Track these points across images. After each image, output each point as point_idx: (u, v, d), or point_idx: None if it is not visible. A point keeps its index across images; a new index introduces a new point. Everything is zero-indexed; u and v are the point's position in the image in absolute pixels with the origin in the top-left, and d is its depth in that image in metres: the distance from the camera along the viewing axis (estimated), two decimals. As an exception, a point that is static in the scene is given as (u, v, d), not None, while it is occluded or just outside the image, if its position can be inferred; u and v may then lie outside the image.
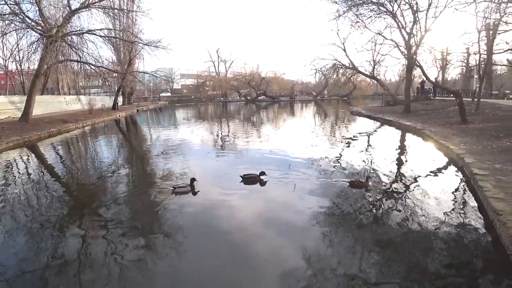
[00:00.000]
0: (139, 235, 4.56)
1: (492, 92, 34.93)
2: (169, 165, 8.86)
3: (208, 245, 4.29)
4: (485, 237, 4.25)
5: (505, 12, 11.49)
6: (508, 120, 12.76)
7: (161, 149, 11.73)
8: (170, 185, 6.53)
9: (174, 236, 4.46)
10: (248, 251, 4.09)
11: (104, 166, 9.44)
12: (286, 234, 4.51)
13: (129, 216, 5.32)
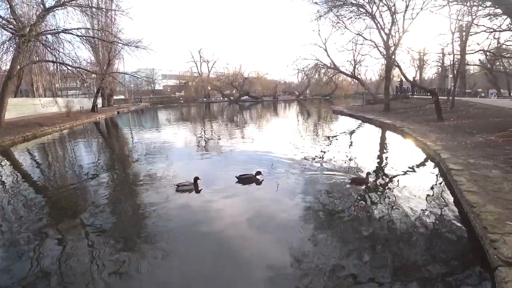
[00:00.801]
0: (122, 240, 4.45)
1: (465, 91, 36.53)
2: (152, 168, 8.70)
3: (196, 247, 4.24)
4: (461, 228, 4.46)
5: (476, 15, 12.04)
6: (480, 117, 13.40)
7: (143, 152, 11.51)
8: (174, 184, 6.53)
9: (161, 240, 4.37)
10: (237, 251, 4.09)
11: (84, 170, 9.10)
12: (275, 232, 4.54)
13: (111, 221, 5.18)
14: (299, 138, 13.77)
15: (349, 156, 9.63)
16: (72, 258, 3.97)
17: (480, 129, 10.58)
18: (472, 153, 7.50)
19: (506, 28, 11.06)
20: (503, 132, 9.28)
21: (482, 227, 3.78)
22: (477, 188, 4.92)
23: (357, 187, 6.30)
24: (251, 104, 52.62)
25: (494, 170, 5.88)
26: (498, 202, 4.36)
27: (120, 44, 25.53)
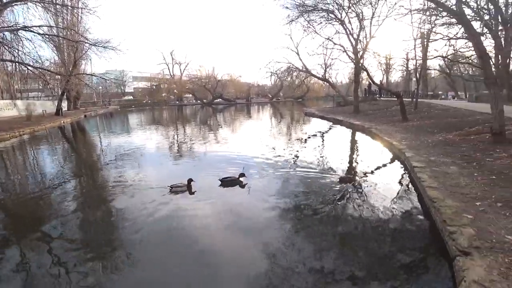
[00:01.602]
0: (92, 250, 4.22)
1: (428, 93, 38.97)
2: (122, 173, 8.37)
3: (170, 253, 4.15)
4: (424, 222, 4.77)
5: (434, 23, 12.90)
6: (440, 117, 14.31)
7: (113, 157, 11.01)
8: (167, 185, 6.45)
9: (134, 248, 4.23)
10: (212, 256, 4.04)
11: (48, 178, 8.49)
12: (251, 234, 4.55)
13: (79, 231, 4.92)
14: (273, 140, 13.94)
15: (321, 157, 9.91)
16: (35, 275, 3.71)
17: (440, 128, 11.31)
18: (433, 151, 8.01)
19: (460, 36, 11.93)
20: (460, 131, 10.00)
21: (442, 220, 4.04)
22: (437, 184, 5.26)
23: (345, 185, 6.57)
24: (225, 107, 52.44)
25: (452, 167, 6.31)
26: (456, 196, 4.68)
27: (87, 44, 24.56)
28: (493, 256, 3.10)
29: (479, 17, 10.04)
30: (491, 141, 7.84)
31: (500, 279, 2.76)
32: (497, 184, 5.02)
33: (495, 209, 4.14)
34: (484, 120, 10.91)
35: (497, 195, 4.56)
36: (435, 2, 8.88)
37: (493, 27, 9.77)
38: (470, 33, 8.44)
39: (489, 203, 4.34)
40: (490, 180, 5.28)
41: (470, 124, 10.81)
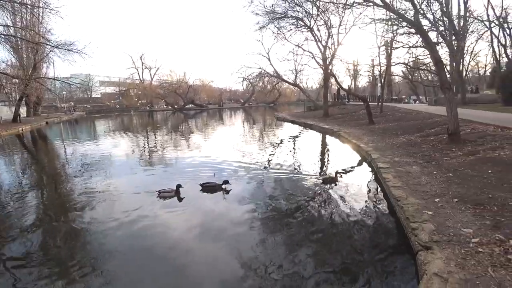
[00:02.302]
0: (56, 267, 3.97)
1: (392, 97, 41.15)
2: (88, 183, 7.92)
3: (141, 265, 4.03)
4: (390, 219, 5.03)
5: (396, 32, 13.71)
6: (404, 120, 15.15)
7: (78, 167, 10.36)
8: (155, 189, 6.37)
9: (103, 262, 4.04)
10: (186, 264, 3.98)
11: (4, 191, 7.85)
12: (225, 240, 4.54)
13: (41, 248, 4.57)
14: (246, 145, 13.99)
15: (293, 160, 10.08)
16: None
17: (403, 130, 11.98)
18: (397, 152, 8.47)
19: (419, 45, 12.75)
20: (421, 133, 10.66)
21: (405, 217, 4.28)
22: (401, 183, 5.56)
23: (328, 185, 6.83)
24: (196, 112, 51.84)
25: (414, 166, 6.71)
26: (418, 194, 4.98)
27: (49, 46, 23.10)
28: (451, 249, 3.33)
29: (435, 28, 10.79)
30: (448, 142, 8.43)
31: (457, 270, 2.97)
32: (453, 181, 5.41)
33: (452, 204, 4.46)
34: (441, 122, 11.70)
35: (453, 191, 4.91)
36: (395, 13, 9.44)
37: (447, 37, 10.58)
38: (427, 42, 9.07)
39: (446, 199, 4.67)
40: (447, 177, 5.68)
41: (430, 126, 11.54)
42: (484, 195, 4.55)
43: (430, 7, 10.14)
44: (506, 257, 3.04)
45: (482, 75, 47.74)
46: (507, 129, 8.35)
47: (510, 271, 2.81)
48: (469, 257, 3.14)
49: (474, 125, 9.94)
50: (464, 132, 9.03)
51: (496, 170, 5.43)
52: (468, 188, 4.96)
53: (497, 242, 3.33)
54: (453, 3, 19.83)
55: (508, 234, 3.42)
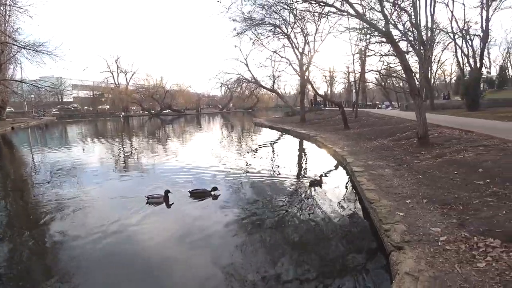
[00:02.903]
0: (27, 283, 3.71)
1: (367, 103, 42.67)
2: (59, 192, 7.48)
3: (116, 275, 3.88)
4: (364, 221, 5.18)
5: (369, 41, 14.29)
6: (377, 125, 15.71)
7: (48, 175, 9.78)
8: (144, 195, 6.33)
9: (76, 275, 3.82)
10: (166, 274, 3.87)
11: None
12: (204, 249, 4.47)
13: (7, 263, 4.27)
14: (224, 151, 13.92)
15: (271, 165, 10.17)
16: None
17: (376, 135, 12.42)
18: (371, 155, 8.76)
19: (390, 53, 13.34)
20: (393, 137, 11.10)
21: (378, 219, 4.41)
22: (374, 186, 5.74)
23: (312, 188, 7.02)
24: (174, 118, 51.04)
25: (387, 169, 6.96)
26: (390, 196, 5.16)
27: (16, 47, 21.88)
28: (421, 248, 3.46)
29: (405, 38, 11.36)
30: (417, 145, 8.83)
31: (427, 268, 3.09)
32: (423, 183, 5.66)
33: (422, 205, 4.65)
34: (412, 126, 12.22)
35: (423, 193, 5.13)
36: (368, 23, 9.83)
37: (416, 46, 11.15)
38: (397, 51, 9.52)
39: (417, 200, 4.87)
40: (417, 179, 5.93)
41: (401, 131, 12.04)
42: (450, 195, 4.79)
43: (400, 18, 10.67)
44: (471, 253, 3.20)
45: (448, 82, 50.62)
46: (470, 132, 8.88)
47: (475, 267, 2.96)
48: (437, 255, 3.28)
49: (441, 129, 10.48)
50: (432, 136, 9.49)
51: (461, 171, 5.74)
52: (436, 189, 5.20)
53: (463, 239, 3.50)
54: (421, 15, 21.00)
55: (473, 231, 3.61)
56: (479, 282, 2.71)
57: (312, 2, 9.86)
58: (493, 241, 3.33)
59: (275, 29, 24.40)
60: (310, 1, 9.89)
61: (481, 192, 4.64)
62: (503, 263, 2.93)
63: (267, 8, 21.85)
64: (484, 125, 10.69)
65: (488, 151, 6.62)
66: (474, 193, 4.68)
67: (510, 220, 3.64)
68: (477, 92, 20.55)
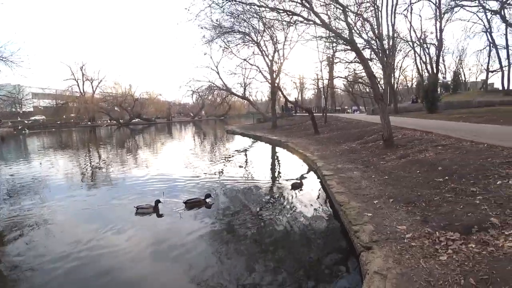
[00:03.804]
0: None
1: (336, 108, 44.15)
2: (16, 209, 6.90)
3: None
4: (335, 225, 5.27)
5: (336, 49, 14.85)
6: (346, 129, 16.25)
7: (3, 192, 8.95)
8: (134, 205, 6.23)
9: None
10: None
11: None
12: (178, 259, 4.36)
13: None
14: (197, 159, 13.69)
15: (245, 172, 10.14)
16: None
17: (345, 139, 12.83)
18: (340, 159, 9.01)
19: (355, 61, 13.94)
20: (361, 140, 11.52)
21: (348, 221, 4.51)
22: (343, 189, 5.89)
23: (294, 190, 7.24)
24: (144, 127, 49.61)
25: (355, 172, 7.19)
26: (359, 198, 5.31)
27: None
28: (388, 246, 3.57)
29: (369, 46, 11.94)
30: (383, 147, 9.22)
31: (394, 265, 3.18)
32: (389, 183, 5.89)
33: (388, 204, 4.83)
34: (378, 129, 12.77)
35: (389, 192, 5.34)
36: (333, 31, 10.21)
37: (379, 54, 11.78)
38: (361, 58, 9.95)
39: (383, 200, 5.05)
40: (383, 180, 6.17)
41: (368, 134, 12.52)
42: (414, 193, 5.02)
43: (364, 28, 11.21)
44: (434, 247, 3.36)
45: (410, 87, 53.80)
46: (430, 133, 9.43)
47: (437, 260, 3.10)
48: (404, 252, 3.40)
49: (404, 131, 11.04)
50: (396, 138, 9.96)
51: (423, 170, 6.05)
52: (401, 188, 5.43)
53: (426, 235, 3.66)
54: (383, 26, 22.31)
55: (435, 227, 3.79)
56: (442, 275, 2.84)
57: (279, 11, 10.06)
58: (453, 235, 3.52)
59: (244, 37, 24.69)
60: (277, 10, 10.09)
61: (441, 189, 4.91)
62: (462, 254, 3.10)
63: (236, 16, 22.06)
64: (442, 126, 11.42)
65: (446, 150, 7.04)
66: (435, 190, 4.94)
67: (467, 214, 3.87)
68: (435, 96, 22.01)
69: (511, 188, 4.24)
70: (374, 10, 11.03)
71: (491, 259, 2.89)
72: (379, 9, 10.92)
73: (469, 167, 5.40)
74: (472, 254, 3.06)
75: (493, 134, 8.16)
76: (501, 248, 3.03)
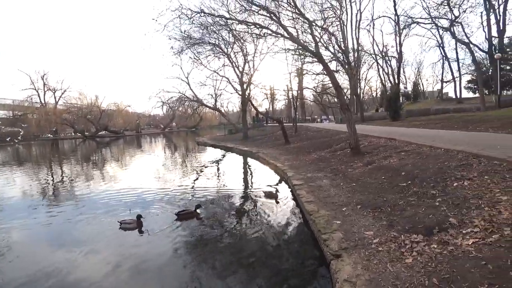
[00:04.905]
0: None
1: (306, 118, 45.29)
2: None
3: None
4: (305, 234, 5.25)
5: (304, 61, 15.30)
6: (316, 138, 16.63)
7: None
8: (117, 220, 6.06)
9: None
10: None
11: None
12: (145, 275, 4.19)
13: None
14: (167, 172, 13.26)
15: (216, 184, 9.98)
16: None
17: (315, 148, 13.09)
18: (310, 168, 9.14)
19: (322, 72, 14.44)
20: (330, 149, 11.81)
21: (317, 230, 4.51)
22: (313, 198, 5.94)
23: (269, 200, 7.21)
24: (111, 140, 47.56)
25: (325, 180, 7.30)
26: (328, 206, 5.37)
27: None
28: (357, 253, 3.60)
29: (335, 58, 12.45)
30: (351, 155, 9.50)
31: (363, 272, 3.20)
32: (357, 190, 6.03)
33: (356, 211, 4.92)
34: (346, 138, 13.14)
35: (356, 199, 5.46)
36: (300, 44, 10.51)
37: (346, 65, 12.31)
38: (327, 70, 10.32)
39: (352, 207, 5.14)
40: (351, 187, 6.31)
41: (336, 142, 12.88)
42: (380, 199, 5.16)
43: (330, 41, 11.71)
44: (400, 251, 3.44)
45: (375, 97, 56.73)
46: (394, 140, 9.88)
47: (404, 263, 3.17)
48: (372, 257, 3.44)
49: (370, 139, 11.49)
50: (363, 145, 10.32)
51: (388, 176, 6.28)
52: (368, 194, 5.57)
53: (392, 239, 3.75)
54: (348, 40, 23.65)
55: (400, 230, 3.90)
56: (408, 277, 2.90)
57: (249, 24, 10.21)
58: (417, 237, 3.63)
59: (215, 48, 24.61)
60: (246, 23, 10.24)
61: (405, 193, 5.10)
62: (426, 255, 3.20)
63: (203, 28, 22.05)
64: (404, 132, 12.04)
65: (408, 156, 7.39)
66: (399, 194, 5.12)
67: (429, 216, 4.03)
68: (397, 105, 23.39)
69: (466, 189, 4.49)
70: (340, 25, 11.55)
71: (451, 258, 3.01)
72: (344, 24, 11.52)
73: (429, 171, 5.68)
74: (435, 254, 3.17)
75: (449, 139, 8.71)
76: (459, 247, 3.17)
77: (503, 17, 23.56)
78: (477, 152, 5.99)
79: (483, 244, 3.07)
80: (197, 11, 9.84)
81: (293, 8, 10.04)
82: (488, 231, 3.28)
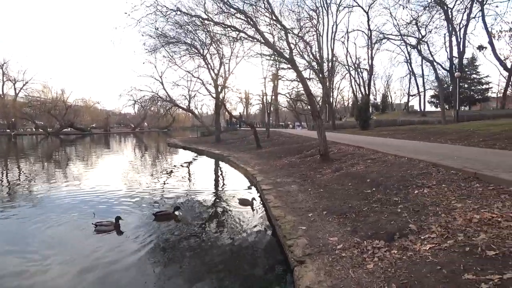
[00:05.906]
0: None
1: (279, 123, 45.84)
2: None
3: None
4: (272, 240, 5.19)
5: (279, 67, 15.44)
6: (287, 144, 16.80)
7: None
8: (92, 222, 5.75)
9: None
10: None
11: None
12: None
13: None
14: (134, 174, 12.69)
15: (184, 188, 9.65)
16: None
17: (286, 153, 13.19)
18: (280, 173, 9.15)
19: (295, 79, 14.64)
20: (300, 155, 11.94)
21: (283, 235, 4.47)
22: (280, 203, 5.91)
23: (243, 207, 7.00)
24: (77, 137, 45.08)
25: (293, 185, 7.32)
26: (295, 212, 5.35)
27: None
28: (320, 259, 3.58)
29: (310, 66, 12.67)
30: (320, 161, 9.64)
31: (325, 278, 3.18)
32: (324, 196, 6.09)
33: (322, 217, 4.94)
34: (316, 144, 13.37)
35: (323, 205, 5.49)
36: (275, 50, 10.57)
37: (320, 74, 12.58)
38: (300, 77, 10.47)
39: (318, 213, 5.15)
40: (319, 193, 6.36)
41: (307, 148, 13.06)
42: (345, 205, 5.23)
43: (306, 50, 11.93)
44: (362, 256, 3.46)
45: (346, 106, 58.81)
46: (362, 148, 10.19)
47: (365, 269, 3.18)
48: (335, 263, 3.44)
49: (339, 146, 11.77)
50: (332, 152, 10.54)
51: (354, 183, 6.41)
52: (334, 201, 5.63)
53: (355, 245, 3.78)
54: (323, 49, 24.35)
55: (363, 236, 3.94)
56: (368, 283, 2.91)
57: (225, 26, 10.12)
58: (379, 243, 3.69)
59: (190, 49, 24.20)
60: (223, 25, 10.15)
61: (369, 200, 5.20)
62: (386, 261, 3.24)
63: (179, 27, 21.61)
64: (372, 141, 12.47)
65: (374, 163, 7.61)
66: (364, 201, 5.22)
67: (390, 222, 4.12)
68: (367, 115, 24.36)
69: (426, 196, 4.67)
70: (316, 35, 11.78)
71: (410, 263, 3.06)
72: (320, 34, 11.79)
73: (393, 178, 5.87)
74: (395, 260, 3.22)
75: (413, 149, 9.12)
76: (418, 252, 3.25)
77: (463, 40, 25.91)
78: (436, 162, 6.29)
79: (439, 249, 3.16)
80: (173, 9, 9.59)
81: (271, 14, 10.10)
82: (444, 237, 3.39)
